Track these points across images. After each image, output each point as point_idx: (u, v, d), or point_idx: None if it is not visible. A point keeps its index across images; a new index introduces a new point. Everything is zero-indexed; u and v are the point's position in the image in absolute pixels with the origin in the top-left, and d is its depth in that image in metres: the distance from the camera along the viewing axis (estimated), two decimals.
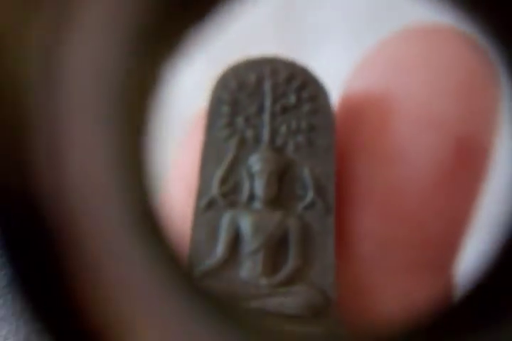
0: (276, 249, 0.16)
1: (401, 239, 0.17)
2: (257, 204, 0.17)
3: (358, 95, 0.19)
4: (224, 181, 0.17)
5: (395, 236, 0.17)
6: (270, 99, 0.18)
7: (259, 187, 0.16)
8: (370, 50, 0.19)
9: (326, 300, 0.15)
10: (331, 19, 0.33)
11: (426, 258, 0.17)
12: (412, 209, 0.17)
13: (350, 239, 0.17)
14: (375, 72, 0.19)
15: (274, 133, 0.17)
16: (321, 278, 0.16)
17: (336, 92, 0.18)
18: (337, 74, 0.17)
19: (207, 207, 0.16)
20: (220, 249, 0.16)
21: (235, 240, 0.16)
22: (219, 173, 0.17)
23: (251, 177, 0.17)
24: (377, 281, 0.17)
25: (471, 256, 0.14)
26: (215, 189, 0.16)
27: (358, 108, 0.18)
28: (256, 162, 0.17)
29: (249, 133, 0.17)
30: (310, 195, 0.17)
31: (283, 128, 0.17)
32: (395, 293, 0.17)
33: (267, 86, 0.18)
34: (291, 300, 0.15)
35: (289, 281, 0.15)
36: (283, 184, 0.17)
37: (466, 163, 0.17)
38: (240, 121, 0.17)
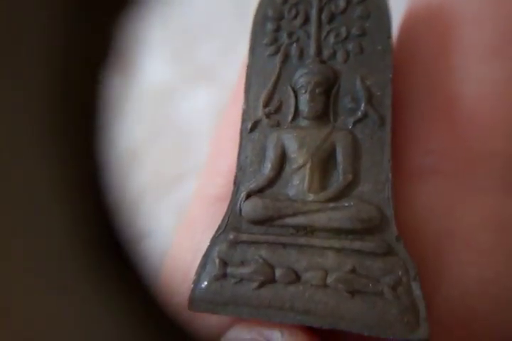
0: (324, 165, 0.15)
1: (496, 152, 0.15)
2: (304, 121, 0.16)
3: (424, 6, 0.16)
4: (269, 101, 0.16)
5: (489, 149, 0.15)
6: (316, 8, 0.16)
7: (304, 103, 0.15)
8: None
9: (380, 215, 0.14)
10: None
11: None
12: (505, 120, 0.15)
13: (427, 152, 0.15)
14: None
15: (320, 44, 0.16)
16: (375, 193, 0.14)
17: None
18: None
19: (252, 128, 0.16)
20: (267, 167, 0.15)
21: (282, 159, 0.15)
22: (263, 94, 0.16)
23: (296, 93, 0.16)
24: (464, 194, 0.15)
25: None
26: (259, 110, 0.16)
27: (423, 19, 0.16)
28: (300, 76, 0.16)
29: (295, 48, 0.16)
30: (362, 107, 0.15)
31: (331, 38, 0.16)
32: (480, 212, 0.15)
33: None
34: (341, 214, 0.14)
35: (339, 197, 0.14)
36: (331, 99, 0.16)
37: None
38: (284, 35, 0.16)
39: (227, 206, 0.15)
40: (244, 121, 0.16)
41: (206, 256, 0.15)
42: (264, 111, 0.16)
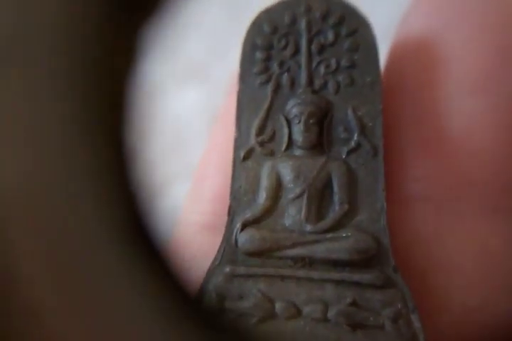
0: (320, 195, 0.15)
1: (482, 181, 0.15)
2: (298, 151, 0.16)
3: (410, 39, 0.17)
4: (261, 130, 0.16)
5: (475, 178, 0.15)
6: (306, 39, 0.16)
7: (298, 132, 0.16)
8: None
9: (378, 245, 0.14)
10: None
11: (502, 203, 0.15)
12: (491, 151, 0.15)
13: (415, 179, 0.16)
14: (430, 13, 0.17)
15: (311, 74, 0.16)
16: (371, 222, 0.14)
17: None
18: None
19: (246, 157, 0.16)
20: (262, 197, 0.15)
21: (277, 188, 0.15)
22: (256, 122, 0.16)
23: (289, 123, 0.16)
24: (444, 225, 0.15)
25: None
26: (252, 138, 0.16)
27: (418, 40, 0.17)
28: (293, 106, 0.16)
29: (286, 77, 0.16)
30: (355, 137, 0.15)
31: (321, 69, 0.16)
32: (466, 238, 0.15)
33: (302, 25, 0.16)
34: (340, 245, 0.14)
35: (336, 227, 0.14)
36: (324, 129, 0.16)
37: None
38: (274, 65, 0.16)
39: (213, 235, 0.15)
40: (236, 149, 0.16)
41: (202, 290, 0.14)
42: (257, 140, 0.16)
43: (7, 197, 0.07)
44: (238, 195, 0.15)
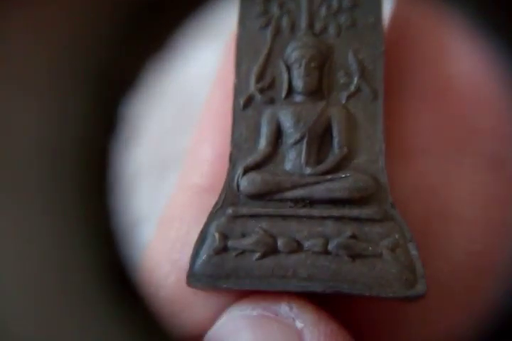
0: (320, 139, 0.15)
1: (483, 129, 0.15)
2: (298, 97, 0.16)
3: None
4: (261, 76, 0.16)
5: (476, 127, 0.15)
6: None
7: (298, 77, 0.15)
8: None
9: (376, 184, 0.15)
10: None
11: (503, 152, 0.15)
12: (489, 100, 0.15)
13: (415, 133, 0.16)
14: None
15: (312, 17, 0.16)
16: (370, 164, 0.15)
17: None
18: None
19: (245, 104, 0.16)
20: (263, 143, 0.15)
21: (277, 134, 0.15)
22: (255, 68, 0.16)
23: (289, 69, 0.16)
24: (444, 177, 0.16)
25: None
26: (252, 85, 0.16)
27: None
28: (294, 50, 0.16)
29: (286, 20, 0.16)
30: (355, 81, 0.15)
31: (322, 10, 0.16)
32: (467, 188, 0.15)
33: None
34: (339, 184, 0.14)
35: (336, 169, 0.15)
36: (325, 73, 0.16)
37: None
38: (274, 7, 0.16)
39: (214, 197, 0.15)
40: (236, 96, 0.16)
41: (204, 232, 0.15)
42: (256, 87, 0.16)
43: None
44: (239, 142, 0.15)
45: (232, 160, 0.15)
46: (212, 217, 0.15)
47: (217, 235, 0.14)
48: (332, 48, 0.15)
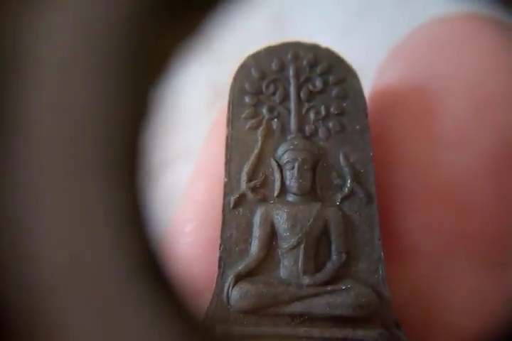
0: (317, 243, 0.14)
1: (472, 233, 0.15)
2: (291, 197, 0.15)
3: (395, 80, 0.17)
4: (252, 175, 0.15)
5: (464, 231, 0.15)
6: (294, 86, 0.16)
7: (292, 179, 0.15)
8: (403, 37, 0.18)
9: (379, 298, 0.13)
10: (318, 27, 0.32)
11: (499, 252, 0.15)
12: (479, 202, 0.15)
13: (404, 233, 0.16)
14: (413, 56, 0.17)
15: (301, 120, 0.16)
16: (370, 273, 0.14)
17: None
18: None
19: (236, 203, 0.15)
20: (255, 247, 0.14)
21: (271, 237, 0.14)
22: (246, 167, 0.15)
23: (281, 169, 0.15)
24: (445, 277, 0.15)
25: None
26: (243, 184, 0.15)
27: (396, 93, 0.17)
28: (286, 152, 0.15)
29: (276, 123, 0.16)
30: (348, 184, 0.15)
31: (311, 115, 0.16)
32: (466, 290, 0.15)
33: (290, 72, 0.16)
34: (340, 299, 0.13)
35: (335, 279, 0.14)
36: (317, 174, 0.15)
37: None
38: (264, 110, 0.16)
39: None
40: (226, 195, 0.15)
41: None
42: (248, 185, 0.15)
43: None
44: (229, 245, 0.14)
45: (222, 266, 0.14)
46: (199, 335, 0.12)
47: None
48: (323, 150, 0.16)
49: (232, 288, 0.13)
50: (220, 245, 0.14)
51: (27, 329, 0.07)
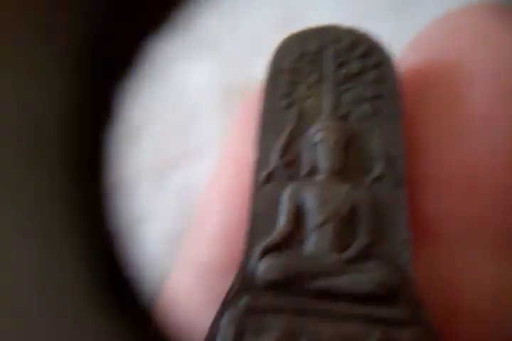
0: (344, 223, 0.15)
1: (493, 222, 0.15)
2: (321, 176, 0.15)
3: (419, 66, 0.17)
4: (284, 152, 0.15)
5: (486, 218, 0.15)
6: (332, 67, 0.16)
7: (323, 158, 0.15)
8: (429, 23, 0.17)
9: (403, 278, 0.13)
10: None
11: None
12: (502, 191, 0.15)
13: (427, 218, 0.16)
14: (437, 43, 0.17)
15: (336, 101, 0.16)
16: (396, 254, 0.14)
17: None
18: None
19: (266, 179, 0.15)
20: (283, 223, 0.14)
21: (299, 213, 0.15)
22: (278, 144, 0.15)
23: (313, 148, 0.15)
24: (464, 264, 0.15)
25: None
26: (274, 161, 0.15)
27: (420, 79, 0.17)
28: (318, 131, 0.16)
29: (310, 103, 0.16)
30: (379, 167, 0.15)
31: (346, 97, 0.16)
32: (487, 277, 0.15)
33: (329, 53, 0.16)
34: (365, 278, 0.13)
35: (361, 257, 0.14)
36: (348, 155, 0.15)
37: None
38: (300, 90, 0.16)
39: (222, 276, 0.14)
40: (257, 171, 0.15)
41: (215, 325, 0.13)
42: (279, 163, 0.15)
43: None
44: (257, 220, 0.14)
45: (249, 239, 0.14)
46: (225, 306, 0.13)
47: (230, 331, 0.12)
48: (356, 132, 0.16)
49: (259, 260, 0.14)
50: (248, 220, 0.14)
51: None
